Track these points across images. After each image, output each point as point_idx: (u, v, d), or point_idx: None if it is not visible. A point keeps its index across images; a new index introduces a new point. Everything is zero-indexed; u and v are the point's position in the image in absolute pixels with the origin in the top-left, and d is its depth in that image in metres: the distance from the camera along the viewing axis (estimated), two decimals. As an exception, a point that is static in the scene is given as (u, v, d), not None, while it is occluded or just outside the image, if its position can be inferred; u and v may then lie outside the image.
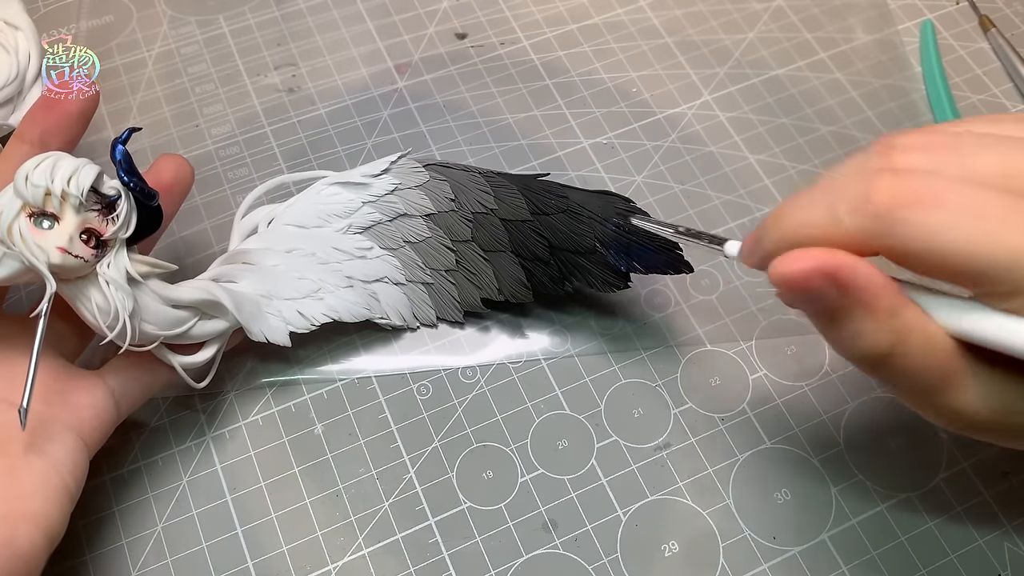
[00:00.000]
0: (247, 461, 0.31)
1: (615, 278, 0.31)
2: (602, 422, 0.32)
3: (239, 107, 0.40)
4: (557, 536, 0.30)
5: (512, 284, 0.33)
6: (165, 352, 0.28)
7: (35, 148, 0.27)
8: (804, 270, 0.21)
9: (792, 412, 0.32)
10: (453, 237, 0.33)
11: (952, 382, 0.21)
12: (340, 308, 0.32)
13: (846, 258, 0.21)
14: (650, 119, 0.40)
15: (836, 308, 0.21)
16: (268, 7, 0.44)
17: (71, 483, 0.25)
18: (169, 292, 0.27)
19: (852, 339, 0.22)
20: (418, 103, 0.40)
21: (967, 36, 0.43)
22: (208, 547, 0.30)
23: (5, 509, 0.23)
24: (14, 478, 0.24)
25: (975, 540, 0.30)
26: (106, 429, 0.28)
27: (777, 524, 0.30)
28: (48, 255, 0.24)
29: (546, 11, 0.44)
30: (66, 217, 0.25)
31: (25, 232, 0.24)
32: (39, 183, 0.24)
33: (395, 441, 0.32)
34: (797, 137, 0.40)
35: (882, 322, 0.21)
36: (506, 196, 0.33)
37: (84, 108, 0.28)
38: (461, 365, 0.33)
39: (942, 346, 0.21)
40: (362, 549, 0.30)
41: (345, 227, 0.32)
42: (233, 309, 0.29)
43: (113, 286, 0.25)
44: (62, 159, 0.25)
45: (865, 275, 0.21)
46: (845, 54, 0.43)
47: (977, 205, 0.20)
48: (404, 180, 0.33)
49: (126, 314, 0.25)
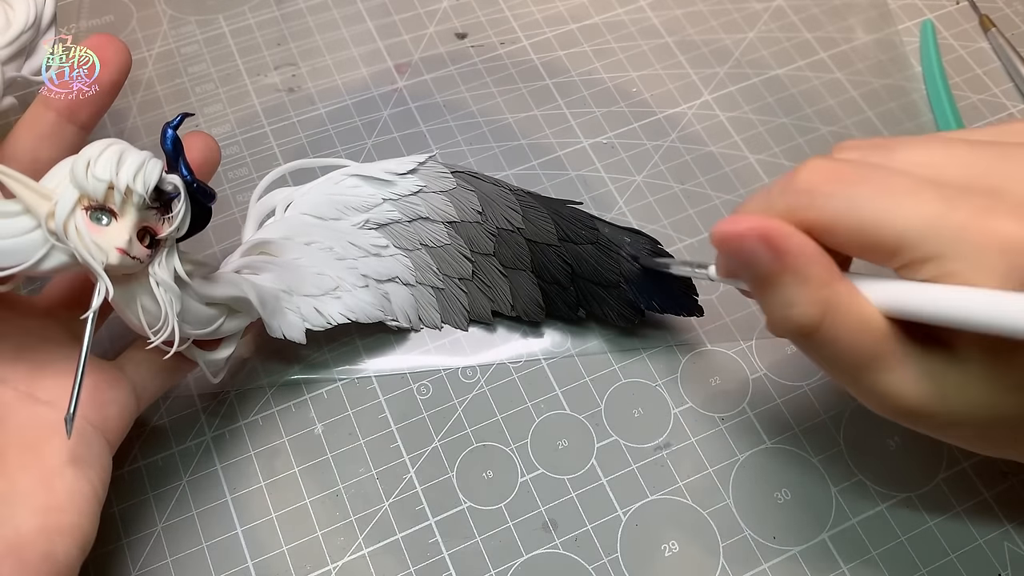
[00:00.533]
0: (247, 461, 0.31)
1: (631, 313, 0.32)
2: (602, 422, 0.32)
3: (239, 107, 0.40)
4: (557, 536, 0.30)
5: (527, 302, 0.33)
6: (192, 349, 0.27)
7: (62, 116, 0.25)
8: (740, 231, 0.22)
9: (792, 412, 0.32)
10: (473, 248, 0.33)
11: (882, 362, 0.22)
12: (357, 309, 0.31)
13: (781, 224, 0.22)
14: (650, 119, 0.40)
15: (769, 274, 0.22)
16: (268, 7, 0.44)
17: (99, 488, 0.25)
18: (206, 290, 0.26)
19: (784, 308, 0.22)
20: (418, 103, 0.40)
21: (967, 36, 0.43)
22: (208, 547, 0.30)
23: (42, 522, 0.23)
24: (48, 488, 0.23)
25: (975, 540, 0.30)
26: (127, 425, 0.27)
27: (777, 524, 0.30)
28: (107, 255, 0.22)
29: (546, 11, 0.44)
30: (126, 215, 0.23)
31: (82, 228, 0.22)
32: (103, 176, 0.22)
33: (395, 441, 0.32)
34: (797, 137, 0.40)
35: (813, 291, 0.21)
36: (535, 218, 0.33)
37: (115, 78, 0.26)
38: (461, 365, 0.33)
39: (874, 324, 0.21)
40: (362, 549, 0.30)
41: (362, 222, 0.32)
42: (258, 305, 0.28)
43: (163, 287, 0.24)
44: (128, 150, 0.23)
45: (798, 242, 0.21)
46: (845, 54, 0.43)
47: (892, 183, 0.21)
48: (430, 183, 0.33)
49: (175, 317, 0.24)
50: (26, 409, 0.24)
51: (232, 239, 0.36)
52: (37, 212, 0.22)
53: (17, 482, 0.23)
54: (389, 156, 0.38)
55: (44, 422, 0.24)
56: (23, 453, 0.24)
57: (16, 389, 0.25)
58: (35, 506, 0.23)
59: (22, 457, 0.24)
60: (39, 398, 0.25)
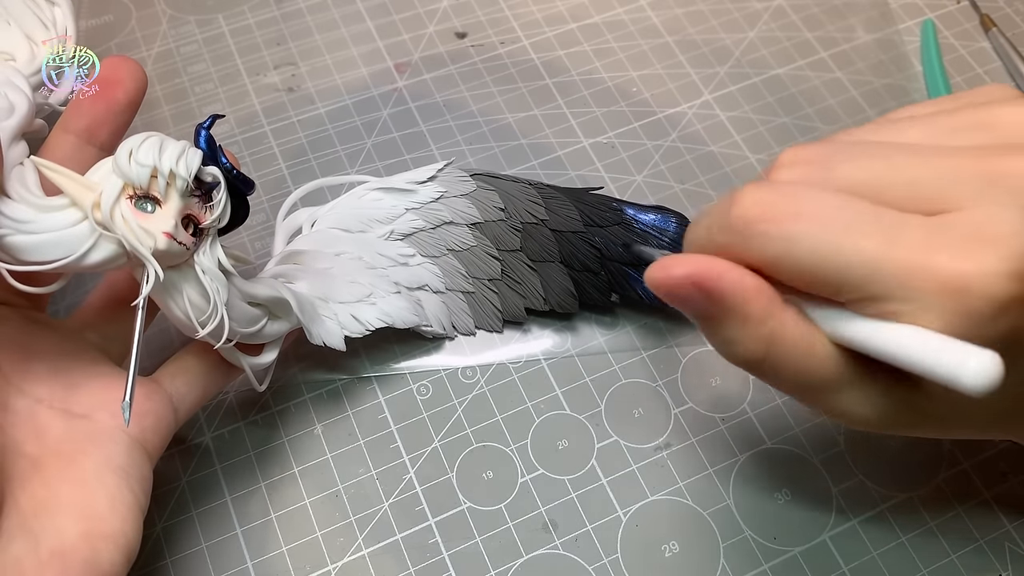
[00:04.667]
0: (247, 461, 0.31)
1: None
2: (602, 422, 0.32)
3: (238, 106, 0.40)
4: (557, 536, 0.30)
5: (559, 294, 0.33)
6: (236, 353, 0.27)
7: (81, 139, 0.26)
8: (673, 277, 0.21)
9: (792, 412, 0.32)
10: (500, 246, 0.33)
11: (833, 385, 0.21)
12: (393, 313, 0.31)
13: (713, 265, 0.21)
14: (650, 118, 0.40)
15: (707, 316, 0.21)
16: (267, 6, 0.44)
17: (141, 497, 0.25)
18: (247, 288, 0.26)
19: (727, 345, 0.22)
20: (418, 103, 0.40)
21: (968, 35, 0.43)
22: (208, 547, 0.30)
23: (85, 528, 0.23)
24: (89, 495, 0.23)
25: (975, 540, 0.30)
26: (167, 438, 0.27)
27: (777, 524, 0.30)
28: (155, 240, 0.22)
29: (546, 10, 0.44)
30: (170, 200, 0.23)
31: (128, 215, 0.22)
32: (146, 162, 0.22)
33: (395, 441, 0.32)
34: (797, 137, 0.40)
35: (752, 329, 0.21)
36: (558, 207, 0.33)
37: (132, 97, 0.26)
38: (461, 365, 0.33)
39: (819, 351, 0.21)
40: (362, 549, 0.30)
41: (387, 233, 0.32)
42: (297, 309, 0.28)
43: (209, 275, 0.24)
44: (166, 139, 0.23)
45: (732, 282, 0.21)
46: (846, 53, 0.42)
47: (829, 217, 0.20)
48: (450, 188, 0.33)
49: (223, 307, 0.24)
50: (62, 423, 0.24)
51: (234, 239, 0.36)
52: (83, 203, 0.22)
53: (58, 490, 0.23)
54: (389, 156, 0.38)
55: (81, 435, 0.24)
56: (62, 464, 0.24)
57: (52, 407, 0.25)
58: (77, 513, 0.23)
59: (61, 467, 0.24)
60: (74, 412, 0.25)
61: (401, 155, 0.39)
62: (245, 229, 0.36)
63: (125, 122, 0.27)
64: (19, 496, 0.23)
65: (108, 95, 0.26)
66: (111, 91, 0.26)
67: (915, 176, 0.20)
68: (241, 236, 0.36)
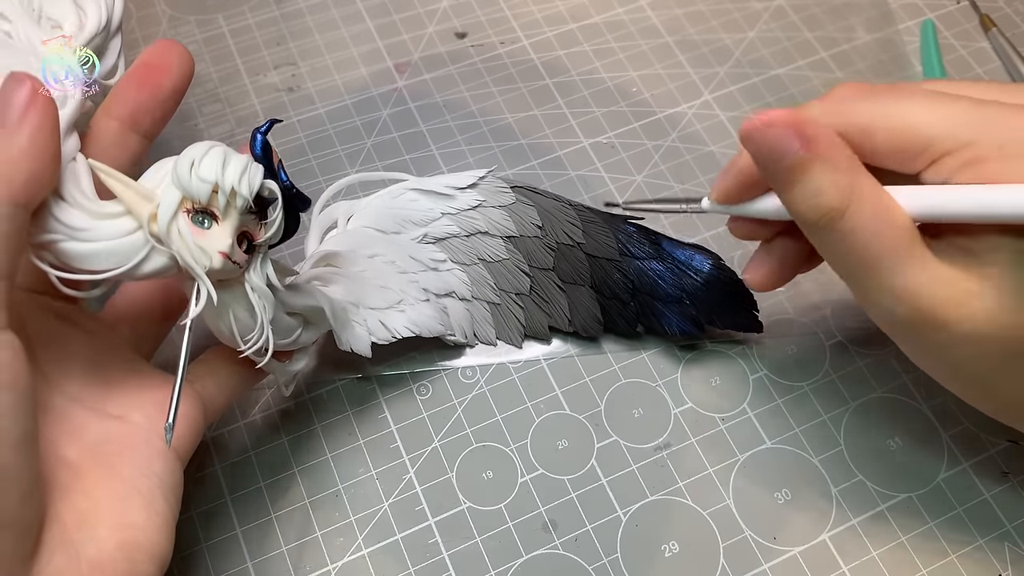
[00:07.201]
0: (247, 461, 0.31)
1: (693, 327, 0.32)
2: (602, 422, 0.32)
3: (238, 106, 0.40)
4: (557, 536, 0.30)
5: (585, 318, 0.33)
6: (272, 362, 0.26)
7: (124, 126, 0.25)
8: (771, 120, 0.23)
9: (792, 412, 0.32)
10: (532, 263, 0.33)
11: (902, 257, 0.22)
12: (420, 322, 0.31)
13: (810, 117, 0.23)
14: (650, 118, 0.40)
15: (797, 163, 0.23)
16: (268, 6, 0.44)
17: (174, 504, 0.24)
18: (287, 299, 0.26)
19: (811, 196, 0.23)
20: (418, 103, 0.40)
21: (968, 35, 0.43)
22: (208, 547, 0.30)
23: (121, 538, 0.22)
24: (125, 504, 0.23)
25: (975, 540, 0.30)
26: (196, 440, 0.26)
27: (777, 524, 0.30)
28: (211, 259, 0.22)
29: (546, 10, 0.44)
30: (229, 218, 0.22)
31: (185, 231, 0.22)
32: (209, 178, 0.22)
33: (395, 441, 0.32)
34: (797, 136, 0.39)
35: (840, 176, 0.22)
36: (596, 232, 0.33)
37: (177, 84, 0.25)
38: (461, 365, 0.33)
39: (897, 216, 0.22)
40: (362, 549, 0.30)
41: (420, 236, 0.32)
42: (331, 316, 0.28)
43: (259, 293, 0.23)
44: (231, 153, 0.22)
45: (826, 132, 0.23)
46: (846, 53, 0.42)
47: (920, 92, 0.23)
48: (488, 198, 0.33)
49: (269, 326, 0.24)
50: (98, 424, 0.24)
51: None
52: (139, 214, 0.21)
53: (97, 500, 0.23)
54: (389, 156, 0.38)
55: (116, 436, 0.24)
56: (100, 469, 0.23)
57: (87, 407, 0.24)
58: (114, 522, 0.23)
59: (99, 474, 0.23)
60: (110, 413, 0.24)
61: (401, 155, 0.39)
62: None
63: (170, 110, 0.26)
64: (61, 508, 0.22)
65: (153, 81, 0.25)
66: (157, 77, 0.25)
67: (983, 92, 0.23)
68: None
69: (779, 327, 0.34)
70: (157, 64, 0.25)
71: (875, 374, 0.33)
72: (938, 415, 0.32)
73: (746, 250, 0.36)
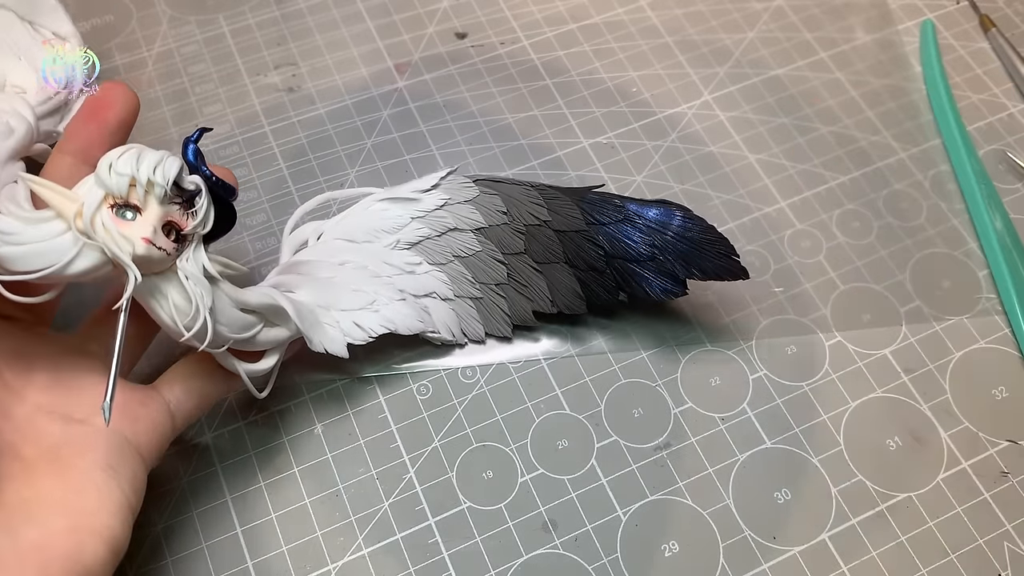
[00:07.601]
0: (247, 461, 0.31)
1: (673, 285, 0.31)
2: (602, 422, 0.32)
3: (239, 107, 0.40)
4: (557, 536, 0.30)
5: (566, 295, 0.33)
6: (231, 359, 0.28)
7: (77, 159, 0.27)
8: None
9: (792, 412, 0.32)
10: (504, 250, 0.33)
11: None
12: (396, 320, 0.31)
13: None
14: (650, 119, 0.40)
15: None
16: (268, 6, 0.44)
17: (132, 498, 0.25)
18: (238, 295, 0.27)
19: None
20: (418, 103, 0.40)
21: (967, 36, 0.43)
22: (208, 547, 0.30)
23: (72, 522, 0.23)
24: (79, 492, 0.24)
25: (975, 540, 0.30)
26: (163, 444, 0.27)
27: (777, 524, 0.30)
28: (134, 246, 0.23)
29: (546, 11, 0.44)
30: (149, 208, 0.24)
31: (108, 223, 0.23)
32: (124, 172, 0.24)
33: (395, 441, 0.32)
34: (797, 137, 0.40)
35: None
36: (560, 207, 0.33)
37: (123, 119, 0.28)
38: (461, 365, 0.33)
39: None
40: (362, 549, 0.30)
41: (393, 243, 0.32)
42: (295, 317, 0.28)
43: (193, 280, 0.25)
44: (145, 150, 0.24)
45: None
46: (845, 54, 0.43)
47: None
48: (454, 195, 0.33)
49: (206, 310, 0.25)
50: (61, 428, 0.25)
51: (234, 240, 0.36)
52: (66, 214, 0.23)
53: (43, 488, 0.24)
54: (389, 156, 0.39)
55: (77, 438, 0.25)
56: (53, 465, 0.24)
57: (51, 412, 0.25)
58: (63, 509, 0.23)
59: (52, 468, 0.24)
60: (74, 418, 0.25)
61: (401, 155, 0.39)
62: (245, 230, 0.36)
63: (118, 142, 0.28)
64: (5, 494, 0.23)
65: (100, 118, 0.27)
66: (103, 114, 0.27)
67: None
68: (242, 237, 0.36)
69: (779, 327, 0.34)
70: (102, 102, 0.27)
71: (875, 374, 0.33)
72: (938, 415, 0.32)
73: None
